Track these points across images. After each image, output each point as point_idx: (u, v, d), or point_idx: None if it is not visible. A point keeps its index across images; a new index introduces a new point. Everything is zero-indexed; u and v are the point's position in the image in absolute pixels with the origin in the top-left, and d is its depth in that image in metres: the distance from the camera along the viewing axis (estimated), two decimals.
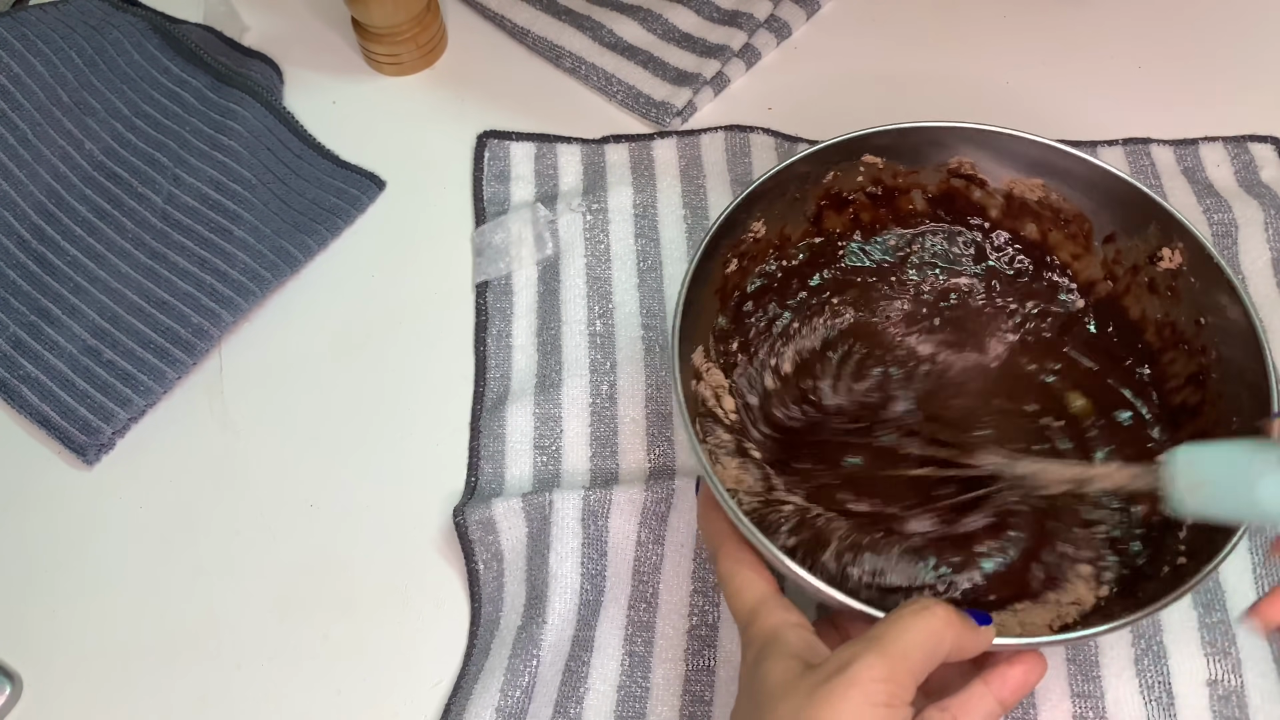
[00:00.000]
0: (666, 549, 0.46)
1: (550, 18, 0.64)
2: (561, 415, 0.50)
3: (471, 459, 0.50)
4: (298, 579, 0.47)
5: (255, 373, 0.53)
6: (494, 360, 0.53)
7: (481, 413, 0.51)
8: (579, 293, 0.54)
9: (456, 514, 0.47)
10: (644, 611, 0.44)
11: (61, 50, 0.57)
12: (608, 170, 0.58)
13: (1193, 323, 0.43)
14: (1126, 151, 0.58)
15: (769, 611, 0.35)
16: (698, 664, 0.43)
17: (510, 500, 0.47)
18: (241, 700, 0.44)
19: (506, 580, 0.46)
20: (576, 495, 0.46)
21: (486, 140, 0.60)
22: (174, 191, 0.56)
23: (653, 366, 0.51)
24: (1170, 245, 0.43)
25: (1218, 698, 0.42)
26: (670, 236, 0.56)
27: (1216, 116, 0.60)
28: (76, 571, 0.48)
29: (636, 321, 0.53)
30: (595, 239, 0.56)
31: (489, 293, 0.55)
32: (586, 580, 0.45)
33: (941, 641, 0.33)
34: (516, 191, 0.58)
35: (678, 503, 0.46)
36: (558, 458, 0.49)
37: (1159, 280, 0.45)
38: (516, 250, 0.55)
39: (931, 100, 0.61)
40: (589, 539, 0.46)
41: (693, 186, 0.57)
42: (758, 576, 0.36)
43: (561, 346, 0.52)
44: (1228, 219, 0.54)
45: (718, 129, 0.59)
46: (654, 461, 0.49)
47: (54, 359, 0.52)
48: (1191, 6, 0.65)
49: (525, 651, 0.43)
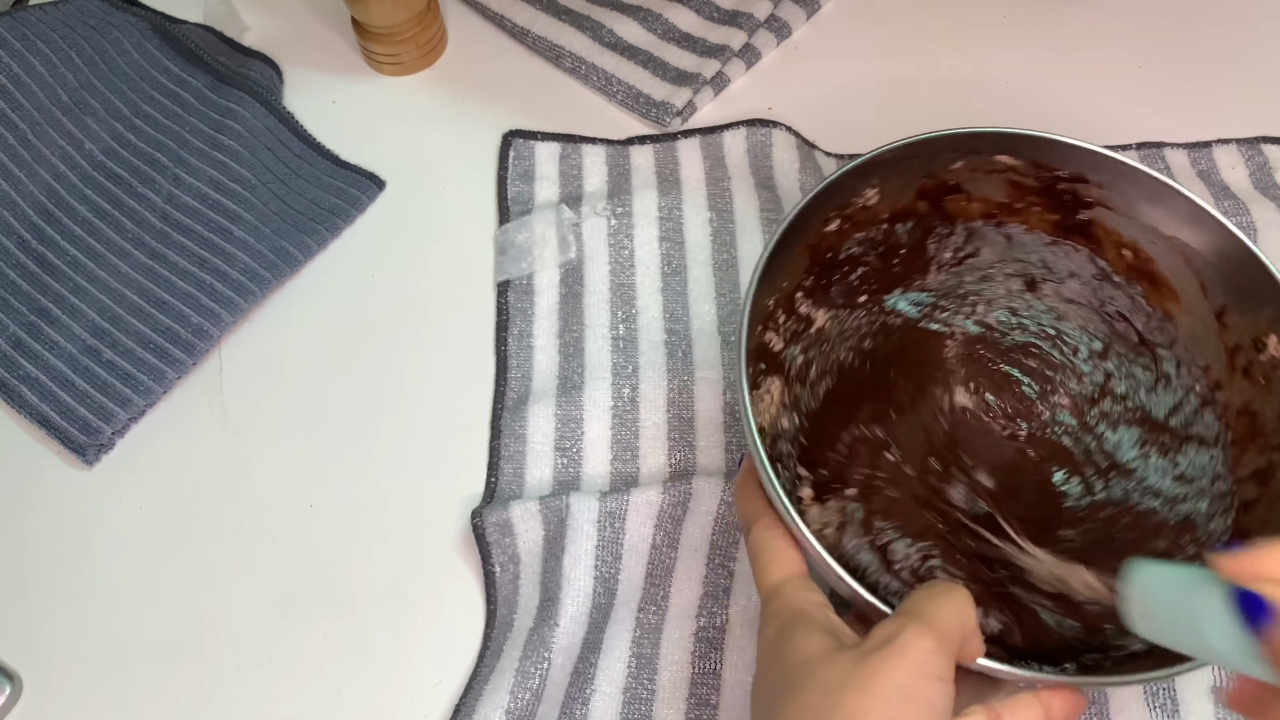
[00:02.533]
0: (680, 552, 0.46)
1: (550, 18, 0.64)
2: (583, 418, 0.50)
3: (492, 459, 0.49)
4: (297, 579, 0.47)
5: (255, 373, 0.53)
6: (515, 360, 0.52)
7: (502, 412, 0.51)
8: (602, 297, 0.54)
9: (474, 516, 0.47)
10: (653, 615, 0.44)
11: (61, 50, 0.57)
12: (633, 173, 0.58)
13: (1277, 417, 0.40)
14: (1141, 156, 0.58)
15: (794, 589, 0.35)
16: (704, 667, 0.43)
17: (528, 503, 0.46)
18: (241, 700, 0.44)
19: (522, 582, 0.46)
20: (593, 499, 0.46)
21: (511, 139, 0.60)
22: (174, 191, 0.56)
23: (675, 371, 0.51)
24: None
25: (1222, 705, 0.42)
26: (695, 240, 0.55)
27: (1217, 117, 0.60)
28: (76, 571, 0.48)
29: (660, 325, 0.53)
30: (619, 244, 0.55)
31: (510, 292, 0.55)
32: (599, 583, 0.45)
33: (969, 621, 0.32)
34: (540, 191, 0.58)
35: (694, 506, 0.46)
36: (578, 460, 0.49)
37: (1256, 368, 0.41)
38: (539, 251, 0.55)
39: (931, 100, 0.61)
40: (604, 542, 0.46)
41: (718, 189, 0.57)
42: (790, 552, 0.36)
43: (584, 349, 0.52)
44: (1245, 222, 0.54)
45: (739, 124, 0.59)
46: (674, 466, 0.49)
47: (54, 359, 0.52)
48: (1192, 6, 0.65)
49: (536, 654, 0.43)
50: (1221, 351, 0.42)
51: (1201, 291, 0.42)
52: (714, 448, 0.49)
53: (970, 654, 0.33)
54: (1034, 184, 0.44)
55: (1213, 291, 0.42)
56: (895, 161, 0.42)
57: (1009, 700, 0.33)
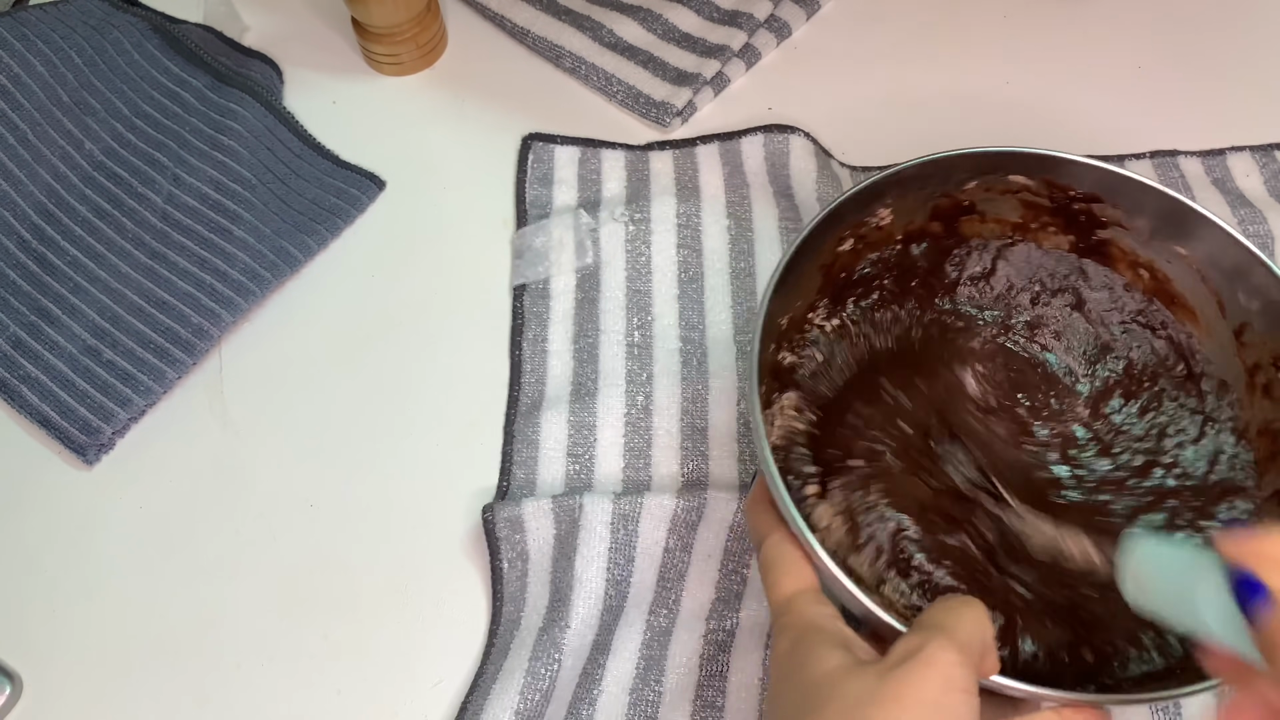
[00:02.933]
0: (694, 557, 0.45)
1: (550, 18, 0.64)
2: (596, 424, 0.50)
3: (504, 464, 0.49)
4: (298, 579, 0.47)
5: (255, 373, 0.53)
6: (529, 365, 0.52)
7: (516, 417, 0.51)
8: (618, 304, 0.54)
9: (485, 511, 0.47)
10: (664, 618, 0.44)
11: (61, 50, 0.57)
12: (651, 179, 0.58)
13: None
14: (1155, 164, 0.58)
15: (807, 602, 0.34)
16: (711, 669, 0.43)
17: (540, 501, 0.46)
18: (241, 700, 0.44)
19: (530, 581, 0.46)
20: (607, 500, 0.46)
21: (531, 143, 0.60)
22: (174, 191, 0.56)
23: (689, 379, 0.51)
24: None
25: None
26: (713, 247, 0.55)
27: (1219, 117, 0.60)
28: (76, 571, 0.48)
29: (675, 334, 0.53)
30: (637, 250, 0.55)
31: (526, 296, 0.54)
32: (611, 585, 0.45)
33: (988, 634, 0.32)
34: (559, 195, 0.58)
35: (709, 514, 0.46)
36: (590, 466, 0.49)
37: (1276, 385, 0.40)
38: (556, 255, 0.55)
39: (931, 101, 0.61)
40: (617, 544, 0.45)
41: (736, 196, 0.57)
42: (801, 566, 0.36)
43: (599, 356, 0.52)
44: (1263, 230, 0.54)
45: (756, 130, 0.59)
46: (687, 475, 0.48)
47: (54, 359, 0.52)
48: (1192, 7, 0.65)
49: (547, 654, 0.43)
50: (1241, 370, 0.42)
51: (1219, 310, 0.42)
52: (727, 457, 0.49)
53: (986, 670, 0.32)
54: (1048, 204, 0.44)
55: (1230, 310, 0.42)
56: (909, 180, 0.42)
57: (1028, 718, 0.33)
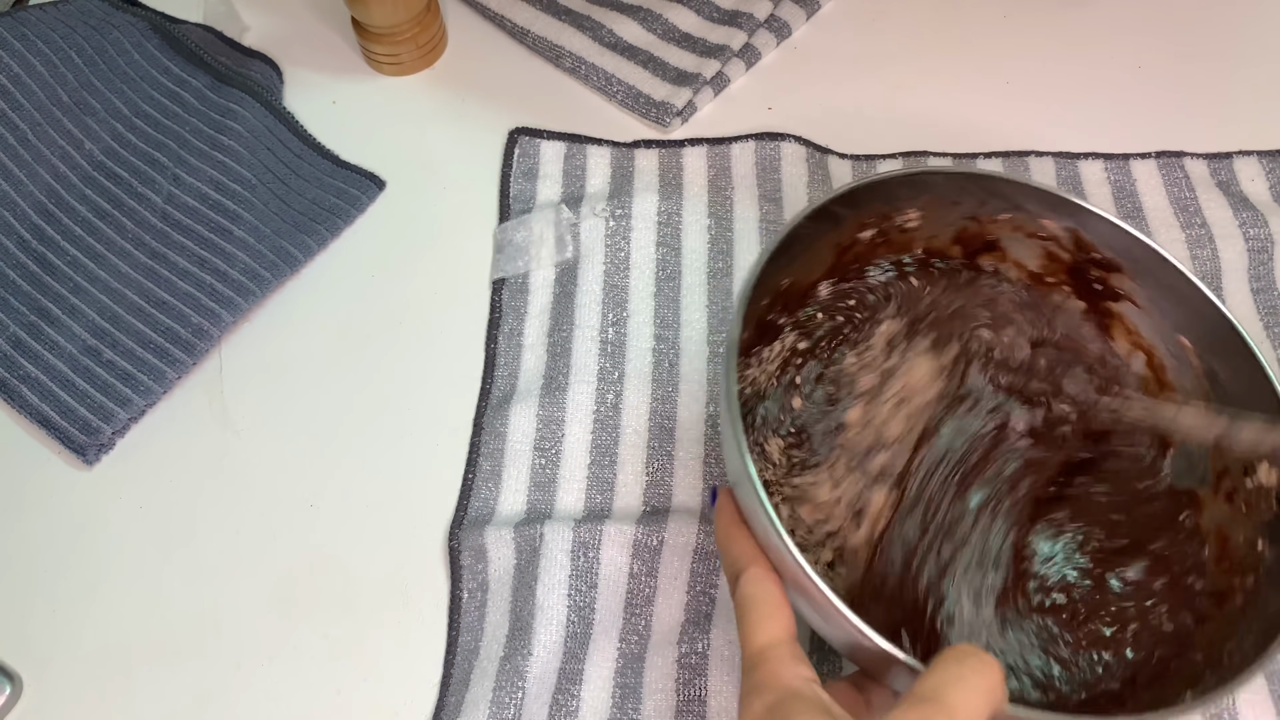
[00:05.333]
0: (660, 581, 0.45)
1: (550, 18, 0.64)
2: (564, 419, 0.50)
3: (471, 454, 0.49)
4: (298, 579, 0.47)
5: (255, 373, 0.53)
6: (503, 358, 0.52)
7: (486, 409, 0.51)
8: (594, 298, 0.53)
9: (452, 538, 0.47)
10: (635, 644, 0.43)
11: (61, 50, 0.57)
12: (635, 175, 0.58)
13: (1249, 546, 0.38)
14: (1160, 164, 0.57)
15: (781, 659, 0.32)
16: (689, 694, 0.42)
17: (501, 530, 0.46)
18: (241, 700, 0.44)
19: (489, 610, 0.45)
20: (567, 527, 0.46)
21: (517, 137, 0.60)
22: (174, 191, 0.56)
23: (659, 380, 0.51)
24: (1277, 464, 0.38)
25: (1210, 715, 0.42)
26: (692, 246, 0.55)
27: (1222, 118, 0.60)
28: (76, 571, 0.48)
29: (649, 331, 0.52)
30: (616, 246, 0.55)
31: (505, 290, 0.54)
32: (574, 612, 0.44)
33: (998, 701, 0.28)
34: (543, 190, 0.58)
35: (670, 539, 0.45)
36: (556, 461, 0.49)
37: (1240, 493, 0.39)
38: (536, 250, 0.55)
39: (932, 101, 0.61)
40: (577, 571, 0.45)
41: (720, 197, 0.57)
42: (780, 611, 0.33)
43: (571, 350, 0.52)
44: (1263, 234, 0.54)
45: (748, 138, 0.59)
46: (651, 474, 0.48)
47: (54, 359, 0.52)
48: (1192, 7, 0.65)
49: (510, 684, 0.42)
50: (1208, 472, 0.41)
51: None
52: (693, 459, 0.49)
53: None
54: (1068, 260, 0.44)
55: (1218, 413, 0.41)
56: (944, 187, 0.41)
57: None
